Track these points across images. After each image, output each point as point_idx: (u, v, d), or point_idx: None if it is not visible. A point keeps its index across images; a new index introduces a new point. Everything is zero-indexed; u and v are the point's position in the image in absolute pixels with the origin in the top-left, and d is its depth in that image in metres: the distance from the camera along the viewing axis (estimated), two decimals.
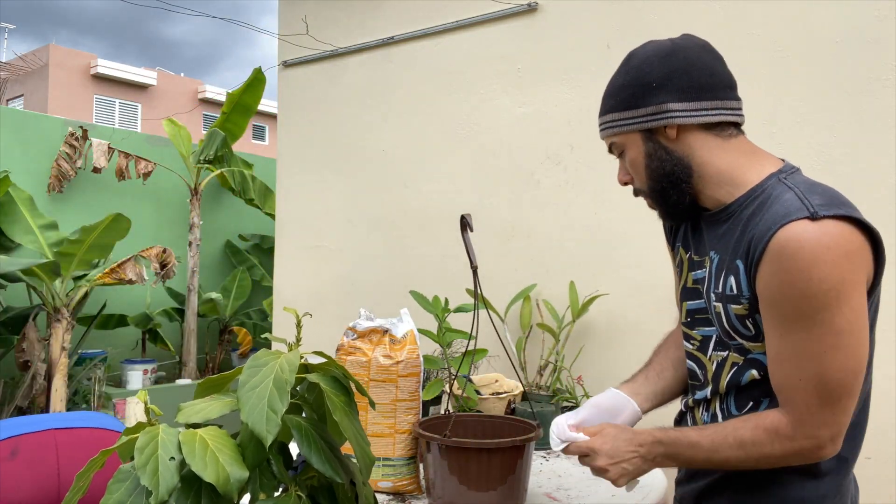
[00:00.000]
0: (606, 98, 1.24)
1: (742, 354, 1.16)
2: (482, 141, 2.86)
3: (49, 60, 19.19)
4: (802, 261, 1.01)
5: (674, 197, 1.20)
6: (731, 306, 1.14)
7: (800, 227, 1.02)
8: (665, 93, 1.16)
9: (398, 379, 1.50)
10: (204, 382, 0.70)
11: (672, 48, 1.20)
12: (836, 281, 1.01)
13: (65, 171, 5.44)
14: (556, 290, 2.59)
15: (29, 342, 4.54)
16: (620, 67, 1.25)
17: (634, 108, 1.18)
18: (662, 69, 1.17)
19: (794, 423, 1.05)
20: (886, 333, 2.00)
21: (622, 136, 1.22)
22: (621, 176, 1.27)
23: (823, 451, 1.06)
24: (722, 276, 1.15)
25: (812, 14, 2.14)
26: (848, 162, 2.08)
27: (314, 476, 0.71)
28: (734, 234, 1.14)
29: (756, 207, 1.11)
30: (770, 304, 1.07)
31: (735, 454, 1.09)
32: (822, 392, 1.04)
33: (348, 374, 0.69)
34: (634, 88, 1.19)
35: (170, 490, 0.59)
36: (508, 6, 2.77)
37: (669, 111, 1.15)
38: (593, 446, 1.20)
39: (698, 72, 1.17)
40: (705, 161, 1.17)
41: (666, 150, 1.18)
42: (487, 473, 1.39)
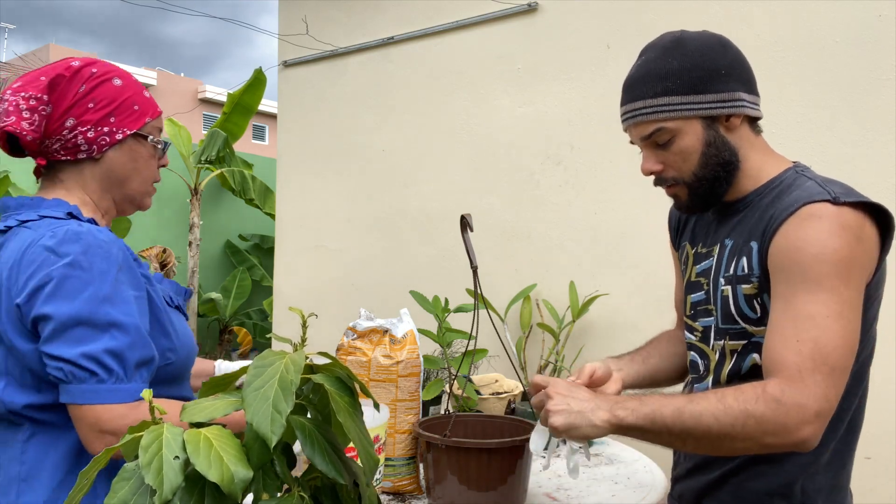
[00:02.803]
0: (655, 80, 1.15)
1: (744, 339, 1.15)
2: (482, 141, 2.86)
3: (49, 60, 19.17)
4: (821, 231, 1.03)
5: (723, 187, 1.18)
6: (741, 286, 1.14)
7: (822, 206, 1.05)
8: (734, 81, 1.14)
9: (398, 379, 1.50)
10: (208, 382, 0.70)
11: (723, 39, 1.18)
12: (848, 258, 1.03)
13: None
14: (556, 290, 2.59)
15: None
16: (671, 51, 1.16)
17: (701, 92, 1.13)
18: (727, 57, 1.15)
19: (784, 384, 1.00)
20: (886, 333, 2.00)
21: (679, 122, 1.14)
22: (651, 165, 1.20)
23: (803, 431, 0.99)
24: (734, 259, 1.16)
25: (812, 14, 2.15)
26: (848, 162, 2.08)
27: (317, 476, 0.71)
28: (751, 220, 1.15)
29: (775, 196, 1.13)
30: (780, 269, 1.07)
31: (713, 406, 1.01)
32: (816, 357, 1.00)
33: (353, 375, 0.69)
34: (701, 72, 1.13)
35: (174, 489, 0.59)
36: (508, 6, 2.77)
37: (742, 100, 1.14)
38: (551, 383, 1.14)
39: (748, 65, 1.18)
40: (746, 155, 1.18)
41: (724, 140, 1.16)
42: (487, 473, 1.39)
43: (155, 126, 1.23)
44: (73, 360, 1.00)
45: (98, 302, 1.03)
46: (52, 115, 1.12)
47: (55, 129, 1.13)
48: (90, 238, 1.05)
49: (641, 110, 1.17)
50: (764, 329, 1.10)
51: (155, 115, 1.23)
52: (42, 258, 1.03)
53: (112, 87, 1.17)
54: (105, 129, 1.15)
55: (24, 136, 1.10)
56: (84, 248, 1.04)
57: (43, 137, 1.13)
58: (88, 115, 1.14)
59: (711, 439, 1.03)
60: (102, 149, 1.16)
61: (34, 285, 1.02)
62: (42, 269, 1.02)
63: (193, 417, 0.65)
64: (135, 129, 1.18)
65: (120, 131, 1.17)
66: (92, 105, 1.14)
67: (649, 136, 1.17)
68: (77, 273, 1.03)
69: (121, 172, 1.19)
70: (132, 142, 1.19)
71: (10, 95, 1.11)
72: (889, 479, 2.00)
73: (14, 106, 1.10)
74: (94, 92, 1.14)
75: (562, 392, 1.11)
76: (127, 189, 1.22)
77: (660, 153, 1.18)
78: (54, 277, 1.02)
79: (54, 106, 1.12)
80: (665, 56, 1.16)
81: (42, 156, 1.16)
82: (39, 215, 1.10)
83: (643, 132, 1.18)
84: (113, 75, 1.18)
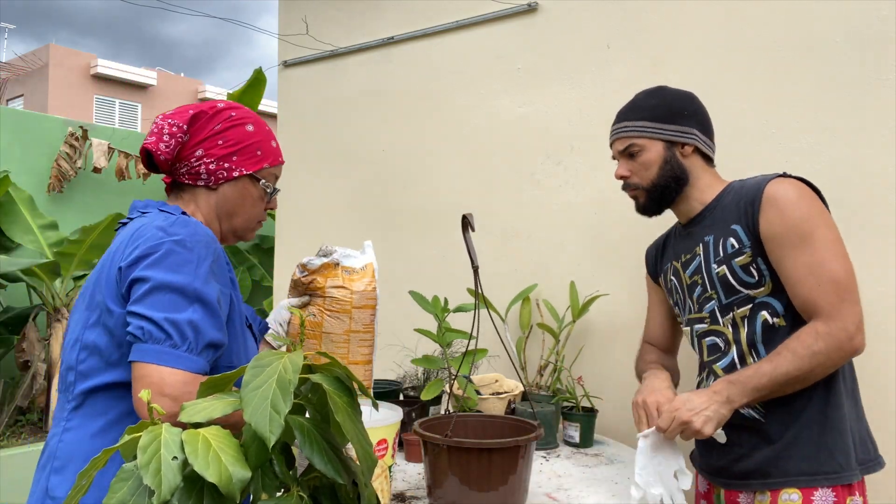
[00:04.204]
0: (637, 110, 1.61)
1: (749, 303, 1.46)
2: (482, 141, 2.86)
3: (49, 60, 19.20)
4: (791, 198, 1.41)
5: (671, 195, 1.60)
6: (735, 260, 1.47)
7: (778, 181, 1.45)
8: (693, 121, 1.59)
9: (352, 310, 1.48)
10: (206, 382, 0.70)
11: (693, 95, 1.64)
12: (818, 209, 1.42)
13: (65, 171, 5.44)
14: (556, 290, 2.59)
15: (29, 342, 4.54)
16: (649, 94, 1.63)
17: (667, 122, 1.57)
18: (691, 105, 1.62)
19: (826, 320, 1.34)
20: (886, 331, 2.00)
21: (646, 141, 1.58)
22: (622, 171, 1.62)
23: (855, 341, 1.35)
24: (720, 243, 1.51)
25: (812, 14, 2.15)
26: (848, 162, 2.08)
27: (316, 476, 0.71)
28: (723, 214, 1.52)
29: (732, 195, 1.53)
30: (777, 241, 1.40)
31: (792, 362, 1.35)
32: (838, 290, 1.35)
33: (352, 375, 0.69)
34: (669, 109, 1.58)
35: (172, 490, 0.59)
36: (508, 6, 2.77)
37: (694, 134, 1.58)
38: (672, 410, 1.40)
39: (709, 119, 1.64)
40: (699, 177, 1.60)
41: (678, 161, 1.58)
42: (488, 473, 1.39)
43: (272, 172, 1.39)
44: (157, 321, 1.09)
45: (193, 277, 1.13)
46: (186, 143, 1.29)
47: (185, 155, 1.29)
48: (198, 227, 1.19)
49: (623, 129, 1.61)
50: (763, 290, 1.45)
51: (275, 163, 1.38)
52: (151, 233, 1.15)
53: (243, 131, 1.33)
54: (226, 164, 1.31)
55: (158, 156, 1.27)
56: (192, 233, 1.16)
57: (174, 160, 1.29)
58: (215, 150, 1.30)
59: (803, 379, 1.37)
60: (219, 181, 1.31)
61: (139, 254, 1.14)
62: (150, 241, 1.14)
63: (192, 418, 0.65)
64: (251, 170, 1.34)
65: (238, 169, 1.32)
66: (221, 142, 1.30)
67: (625, 150, 1.60)
68: (180, 250, 1.13)
69: (230, 206, 1.34)
70: (246, 181, 1.34)
71: (160, 120, 1.28)
72: (889, 479, 2.00)
73: (159, 129, 1.27)
74: (227, 132, 1.31)
75: (690, 409, 1.39)
76: (233, 221, 1.36)
77: (630, 163, 1.61)
78: (160, 249, 1.13)
79: (191, 136, 1.29)
80: (647, 97, 1.63)
81: (170, 174, 1.33)
82: (158, 210, 1.25)
83: (621, 146, 1.61)
84: (248, 122, 1.34)
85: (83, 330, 1.19)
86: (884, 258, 2.01)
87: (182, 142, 1.28)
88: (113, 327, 1.15)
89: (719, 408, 1.38)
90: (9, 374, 4.83)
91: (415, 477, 1.71)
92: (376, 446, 1.45)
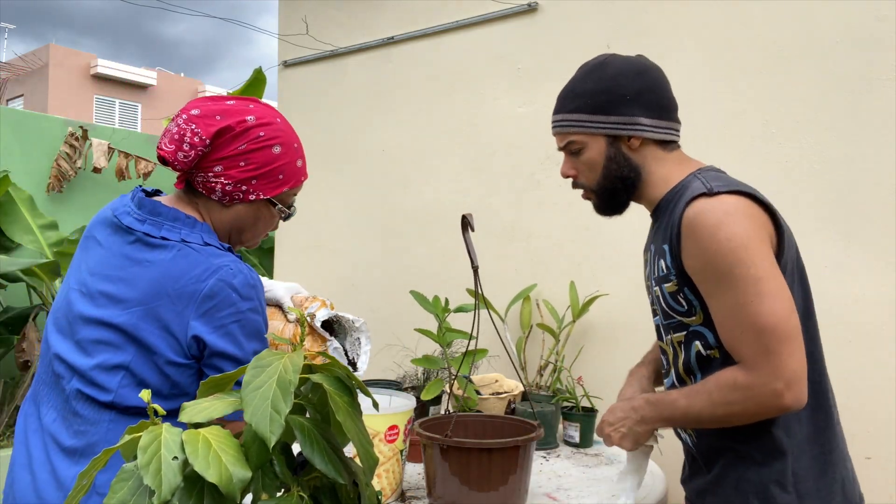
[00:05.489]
0: (572, 97, 1.34)
1: (683, 330, 1.27)
2: (482, 141, 2.86)
3: (49, 60, 19.19)
4: (708, 227, 1.15)
5: (622, 197, 1.36)
6: (665, 285, 1.27)
7: (700, 202, 1.18)
8: (637, 106, 1.29)
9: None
10: (206, 382, 0.70)
11: (644, 66, 1.33)
12: (742, 238, 1.14)
13: (65, 171, 5.44)
14: (556, 290, 2.59)
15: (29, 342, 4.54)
16: (588, 73, 1.35)
17: (605, 113, 1.30)
18: (636, 84, 1.30)
19: (748, 374, 1.13)
20: (886, 332, 2.00)
21: (585, 137, 1.33)
22: (566, 170, 1.38)
23: (783, 400, 1.11)
24: (656, 261, 1.30)
25: (812, 14, 2.15)
26: (848, 162, 2.08)
27: (317, 476, 0.71)
28: (662, 225, 1.29)
29: (675, 200, 1.26)
30: (698, 274, 1.20)
31: (705, 406, 1.18)
32: (761, 339, 1.12)
33: (352, 374, 0.69)
34: (608, 95, 1.30)
35: (172, 490, 0.59)
36: (508, 6, 2.77)
37: (640, 124, 1.30)
38: (601, 423, 1.36)
39: (663, 93, 1.33)
40: (652, 170, 1.33)
41: (625, 157, 1.32)
42: (489, 473, 1.39)
43: (291, 193, 1.32)
44: None
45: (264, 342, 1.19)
46: (207, 156, 1.20)
47: (204, 166, 1.21)
48: (259, 285, 1.20)
49: (559, 122, 1.36)
50: (695, 319, 1.25)
51: (296, 185, 1.32)
52: (226, 295, 1.15)
53: (269, 154, 1.24)
54: (243, 187, 1.24)
55: (175, 165, 1.19)
56: (260, 295, 1.19)
57: (190, 169, 1.22)
58: (234, 172, 1.22)
59: (719, 423, 1.21)
60: (233, 201, 1.25)
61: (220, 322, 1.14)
62: (227, 305, 1.14)
63: (193, 418, 0.65)
64: (269, 196, 1.27)
65: (255, 193, 1.25)
66: (243, 164, 1.22)
67: (565, 146, 1.36)
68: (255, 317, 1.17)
69: (241, 224, 1.29)
70: (262, 204, 1.28)
71: (183, 123, 1.19)
72: (889, 479, 2.00)
73: (180, 135, 1.18)
74: (251, 154, 1.22)
75: (609, 423, 1.33)
76: (242, 237, 1.31)
77: (574, 161, 1.36)
78: (240, 319, 1.15)
79: (212, 149, 1.20)
80: (585, 77, 1.34)
81: (183, 179, 1.26)
82: (205, 241, 1.20)
83: (560, 142, 1.37)
84: (276, 142, 1.25)
85: (122, 357, 1.14)
86: (884, 258, 2.01)
87: (202, 154, 1.19)
88: (171, 373, 1.15)
89: (634, 425, 1.30)
90: (9, 374, 4.83)
91: (415, 477, 1.71)
92: (388, 432, 1.50)
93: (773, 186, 2.19)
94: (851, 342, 2.05)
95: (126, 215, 1.22)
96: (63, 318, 1.23)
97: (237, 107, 1.24)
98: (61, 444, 1.17)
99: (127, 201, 1.26)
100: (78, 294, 1.21)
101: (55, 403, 1.20)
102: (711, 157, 2.30)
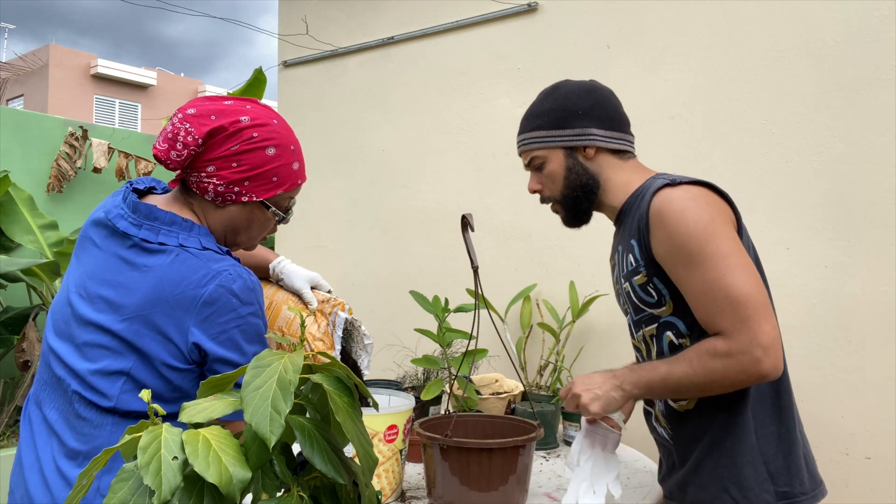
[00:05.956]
0: (532, 118, 1.47)
1: (654, 322, 1.35)
2: (482, 141, 2.86)
3: (49, 60, 19.20)
4: (675, 213, 1.24)
5: (584, 204, 1.46)
6: (634, 279, 1.35)
7: (665, 192, 1.27)
8: (589, 119, 1.42)
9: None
10: (206, 382, 0.70)
11: (592, 86, 1.46)
12: (707, 219, 1.23)
13: (65, 171, 5.44)
14: (556, 290, 2.59)
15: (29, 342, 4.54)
16: (545, 96, 1.48)
17: (561, 128, 1.43)
18: (587, 100, 1.43)
19: (728, 342, 1.19)
20: (886, 332, 2.00)
21: (546, 151, 1.45)
22: (533, 185, 1.49)
23: (762, 365, 1.17)
24: (624, 258, 1.38)
25: (812, 14, 2.15)
26: (848, 162, 2.08)
27: (317, 476, 0.71)
28: (627, 224, 1.38)
29: (640, 200, 1.35)
30: (668, 259, 1.26)
31: (687, 371, 1.22)
32: (738, 310, 1.18)
33: (352, 375, 0.69)
34: (563, 112, 1.43)
35: (172, 490, 0.59)
36: (508, 6, 2.77)
37: (592, 134, 1.42)
38: (571, 383, 1.36)
39: (612, 108, 1.45)
40: (609, 177, 1.44)
41: (582, 167, 1.44)
42: (489, 473, 1.39)
43: (287, 196, 1.30)
44: None
45: (264, 342, 1.20)
46: (200, 156, 1.19)
47: (197, 166, 1.20)
48: (259, 288, 1.19)
49: (522, 141, 1.48)
50: (665, 309, 1.32)
51: (291, 188, 1.29)
52: (226, 301, 1.14)
53: (262, 155, 1.22)
54: (235, 189, 1.22)
55: (168, 164, 1.18)
56: (259, 298, 1.18)
57: (185, 169, 1.21)
58: (226, 173, 1.20)
59: (700, 390, 1.25)
60: (226, 202, 1.23)
61: (221, 329, 1.13)
62: (226, 311, 1.13)
63: (193, 418, 0.65)
64: (262, 198, 1.24)
65: (248, 195, 1.23)
66: (235, 165, 1.20)
67: (529, 163, 1.48)
68: (256, 321, 1.17)
69: (235, 225, 1.27)
70: (255, 206, 1.26)
71: (178, 122, 1.18)
72: (889, 479, 2.00)
73: (174, 134, 1.18)
74: (244, 155, 1.20)
75: (584, 385, 1.32)
76: (237, 238, 1.30)
77: (538, 176, 1.48)
78: (241, 324, 1.15)
79: (205, 149, 1.19)
80: (543, 100, 1.48)
81: (178, 179, 1.25)
82: (203, 245, 1.19)
83: (525, 160, 1.49)
84: (270, 144, 1.23)
85: (123, 363, 1.14)
86: (884, 258, 2.01)
87: (195, 153, 1.18)
88: (172, 378, 1.14)
89: (611, 390, 1.30)
90: (9, 374, 4.83)
91: (415, 477, 1.71)
92: (387, 431, 1.50)
93: (773, 186, 2.19)
94: (851, 342, 2.05)
95: (120, 219, 1.20)
96: (62, 321, 1.22)
97: (233, 107, 1.22)
98: (66, 445, 1.17)
99: (119, 202, 1.23)
100: (76, 296, 1.20)
101: (57, 405, 1.20)
102: (711, 156, 2.30)
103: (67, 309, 1.21)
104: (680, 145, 2.37)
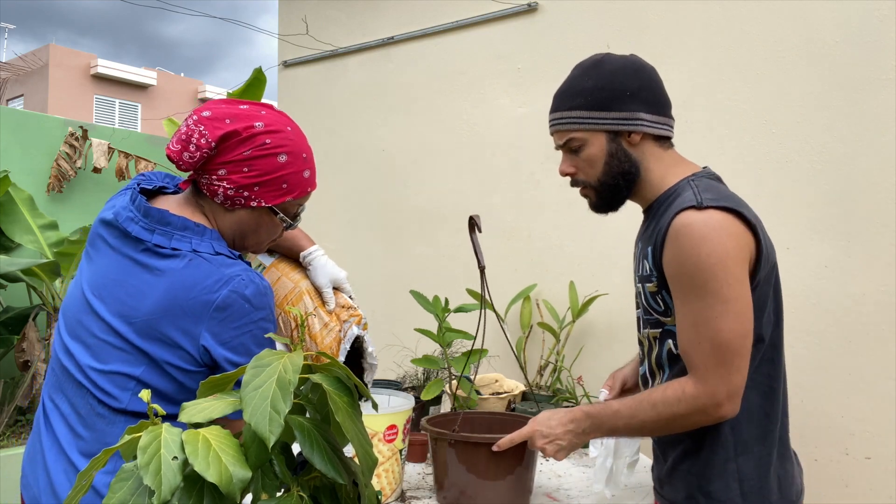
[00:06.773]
0: (570, 96, 1.35)
1: (659, 327, 1.33)
2: (482, 141, 2.86)
3: (49, 60, 19.20)
4: (692, 239, 1.20)
5: (623, 192, 1.37)
6: (646, 285, 1.33)
7: (689, 214, 1.21)
8: (638, 103, 1.31)
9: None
10: (206, 382, 0.70)
11: (641, 64, 1.36)
12: (721, 255, 1.19)
13: (65, 171, 5.43)
14: (556, 290, 2.59)
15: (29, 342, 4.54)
16: (584, 72, 1.36)
17: (607, 109, 1.32)
18: (635, 81, 1.32)
19: (696, 382, 1.20)
20: (886, 332, 2.00)
21: (586, 133, 1.34)
22: (566, 168, 1.39)
23: (722, 409, 1.20)
24: (641, 260, 1.35)
25: (812, 14, 2.15)
26: (848, 162, 2.08)
27: (317, 476, 0.71)
28: (650, 228, 1.33)
29: (667, 204, 1.30)
30: (672, 279, 1.25)
31: (649, 415, 1.25)
32: (716, 352, 1.19)
33: (351, 375, 0.69)
34: (609, 92, 1.31)
35: (172, 490, 0.59)
36: (508, 6, 2.77)
37: (640, 119, 1.32)
38: (526, 433, 1.37)
39: (659, 89, 1.35)
40: (650, 167, 1.35)
41: (626, 153, 1.34)
42: (496, 467, 1.42)
43: (296, 203, 1.32)
44: None
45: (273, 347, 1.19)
46: (212, 159, 1.20)
47: (208, 169, 1.21)
48: (270, 293, 1.20)
49: (559, 120, 1.36)
50: (670, 320, 1.30)
51: (301, 195, 1.31)
52: (239, 307, 1.14)
53: (274, 162, 1.23)
54: (245, 193, 1.22)
55: (180, 165, 1.19)
56: (271, 303, 1.19)
57: (195, 170, 1.21)
58: (237, 177, 1.21)
59: (661, 432, 1.30)
60: (235, 206, 1.24)
61: (233, 334, 1.14)
62: (240, 317, 1.14)
63: (193, 418, 0.65)
64: (271, 204, 1.25)
65: (257, 200, 1.24)
66: (246, 170, 1.21)
67: (564, 144, 1.37)
68: (268, 326, 1.18)
69: (243, 229, 1.27)
70: (263, 211, 1.27)
71: (193, 124, 1.19)
72: (889, 479, 2.00)
73: (187, 136, 1.19)
74: (256, 161, 1.21)
75: (544, 436, 1.36)
76: (245, 242, 1.30)
77: (573, 158, 1.37)
78: (253, 329, 1.15)
79: (218, 153, 1.20)
80: (584, 75, 1.36)
81: (190, 180, 1.27)
82: (216, 250, 1.19)
83: (559, 140, 1.38)
84: (282, 151, 1.24)
85: (133, 368, 1.14)
86: (884, 258, 2.01)
87: (207, 156, 1.19)
88: (183, 380, 1.15)
89: (573, 438, 1.33)
90: (9, 374, 4.83)
91: (415, 477, 1.71)
92: (386, 431, 1.51)
93: (773, 186, 2.19)
94: (851, 342, 2.05)
95: (131, 223, 1.20)
96: (73, 318, 1.23)
97: (248, 112, 1.23)
98: (78, 440, 1.18)
99: (127, 203, 1.23)
100: (90, 295, 1.21)
101: (71, 401, 1.21)
102: (712, 156, 2.30)
103: (82, 307, 1.22)
104: (680, 145, 2.36)
